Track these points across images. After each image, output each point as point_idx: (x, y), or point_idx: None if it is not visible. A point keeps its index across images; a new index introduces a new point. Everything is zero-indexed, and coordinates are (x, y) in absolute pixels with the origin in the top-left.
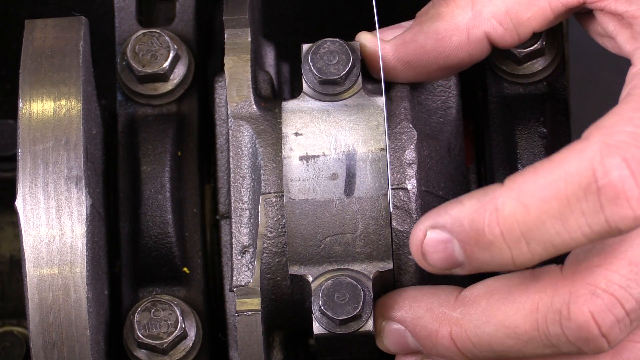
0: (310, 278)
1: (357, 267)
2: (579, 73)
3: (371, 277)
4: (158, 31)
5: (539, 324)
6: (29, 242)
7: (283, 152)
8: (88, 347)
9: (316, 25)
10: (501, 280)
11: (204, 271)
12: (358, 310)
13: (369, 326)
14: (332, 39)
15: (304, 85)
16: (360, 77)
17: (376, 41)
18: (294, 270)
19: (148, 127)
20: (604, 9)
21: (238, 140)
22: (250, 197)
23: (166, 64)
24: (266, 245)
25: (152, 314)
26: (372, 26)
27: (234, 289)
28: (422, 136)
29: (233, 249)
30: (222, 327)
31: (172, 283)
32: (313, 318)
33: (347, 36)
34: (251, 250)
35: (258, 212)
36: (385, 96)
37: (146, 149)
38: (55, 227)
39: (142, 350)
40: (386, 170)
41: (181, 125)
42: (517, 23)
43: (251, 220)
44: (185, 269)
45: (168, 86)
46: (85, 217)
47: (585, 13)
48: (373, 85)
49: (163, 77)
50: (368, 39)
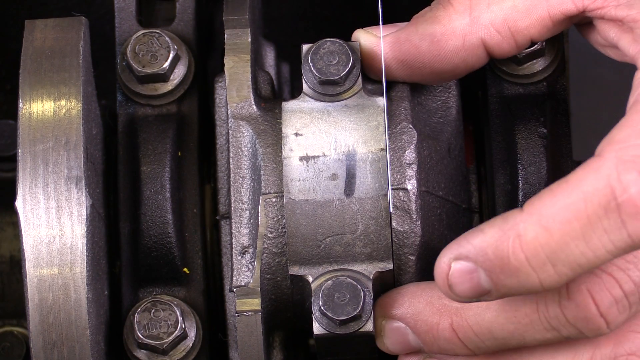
0: (310, 278)
1: (357, 268)
2: (579, 73)
3: (371, 278)
4: (158, 31)
5: (539, 306)
6: (29, 243)
7: (283, 153)
8: (88, 348)
9: (316, 25)
10: None
11: (204, 271)
12: (358, 310)
13: (369, 326)
14: (332, 39)
15: (304, 85)
16: (360, 78)
17: (371, 39)
18: (294, 270)
19: (148, 128)
20: (604, 16)
21: (238, 140)
22: (250, 198)
23: (166, 64)
24: (266, 245)
25: (152, 314)
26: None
27: (234, 290)
28: (422, 136)
29: (233, 250)
30: (222, 328)
31: (172, 283)
32: (313, 318)
33: (347, 36)
34: (251, 250)
35: (258, 213)
36: (385, 96)
37: (146, 149)
38: (55, 228)
39: (142, 350)
40: (386, 170)
41: (181, 125)
42: (515, 31)
43: (251, 220)
44: (185, 269)
45: (168, 86)
46: (85, 218)
47: (586, 24)
48: (373, 85)
49: (163, 78)
50: (363, 37)
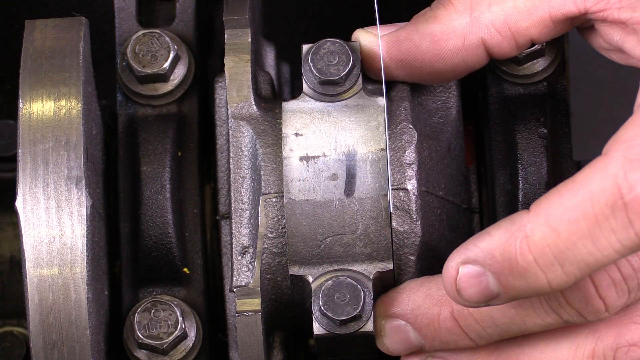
0: (310, 278)
1: (357, 268)
2: (579, 73)
3: (371, 278)
4: (158, 31)
5: None
6: (29, 243)
7: (283, 153)
8: (88, 348)
9: (316, 25)
10: None
11: (204, 271)
12: (358, 310)
13: (369, 326)
14: (332, 40)
15: (304, 85)
16: (360, 78)
17: (371, 39)
18: (294, 270)
19: (148, 128)
20: (607, 19)
21: (238, 140)
22: (250, 198)
23: (166, 65)
24: (266, 245)
25: (152, 315)
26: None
27: (234, 290)
28: (423, 136)
29: (233, 250)
30: (222, 328)
31: (172, 283)
32: (313, 318)
33: (348, 36)
34: (251, 250)
35: (258, 213)
36: (385, 97)
37: (146, 150)
38: (55, 228)
39: (142, 350)
40: (386, 170)
41: (181, 125)
42: (516, 32)
43: (251, 220)
44: (185, 270)
45: (168, 86)
46: (85, 218)
47: (588, 28)
48: (373, 85)
49: (163, 78)
50: (363, 37)
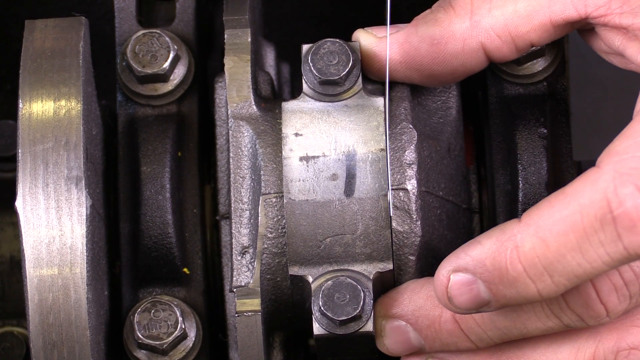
0: (310, 279)
1: (357, 268)
2: (579, 73)
3: (371, 278)
4: (158, 31)
5: None
6: (29, 243)
7: (283, 153)
8: (88, 348)
9: (316, 25)
10: None
11: (204, 272)
12: (358, 310)
13: (369, 327)
14: (332, 40)
15: (304, 85)
16: (360, 78)
17: (371, 39)
18: (294, 270)
19: (148, 128)
20: (608, 24)
21: (238, 140)
22: (250, 198)
23: (166, 65)
24: (266, 245)
25: (152, 315)
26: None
27: (234, 290)
28: (422, 137)
29: (233, 250)
30: (222, 328)
31: (172, 283)
32: (313, 319)
33: (348, 36)
34: (251, 250)
35: (258, 213)
36: (385, 97)
37: (146, 150)
38: (55, 228)
39: (142, 350)
40: (386, 170)
41: (181, 125)
42: (516, 36)
43: (251, 220)
44: (185, 270)
45: (168, 87)
46: (85, 218)
47: (589, 30)
48: (373, 85)
49: (163, 78)
50: (364, 37)
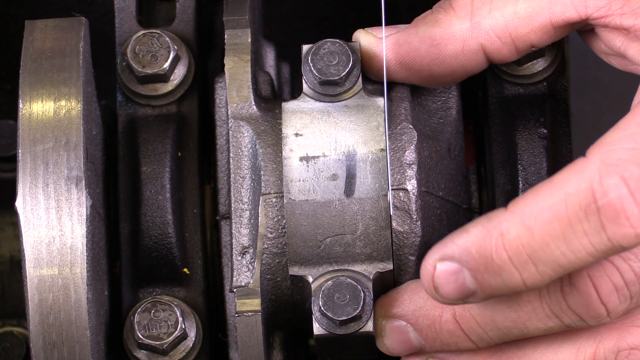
0: (310, 279)
1: (357, 268)
2: (579, 73)
3: (371, 278)
4: (158, 32)
5: (541, 292)
6: (29, 243)
7: (283, 153)
8: (88, 348)
9: (316, 25)
10: None
11: (204, 272)
12: (358, 311)
13: (369, 327)
14: (332, 40)
15: (304, 85)
16: (360, 78)
17: (371, 40)
18: (294, 270)
19: (148, 128)
20: (608, 25)
21: (238, 140)
22: (250, 198)
23: (166, 65)
24: (266, 245)
25: (152, 315)
26: (372, 26)
27: (234, 290)
28: (422, 137)
29: (233, 250)
30: (222, 328)
31: (172, 284)
32: (313, 319)
33: (348, 36)
34: (251, 250)
35: (258, 213)
36: (385, 97)
37: (146, 150)
38: (55, 228)
39: (142, 350)
40: (386, 170)
41: (181, 125)
42: (516, 37)
43: (251, 221)
44: (185, 270)
45: (168, 87)
46: (85, 218)
47: (589, 31)
48: (373, 86)
49: (163, 78)
50: (364, 38)
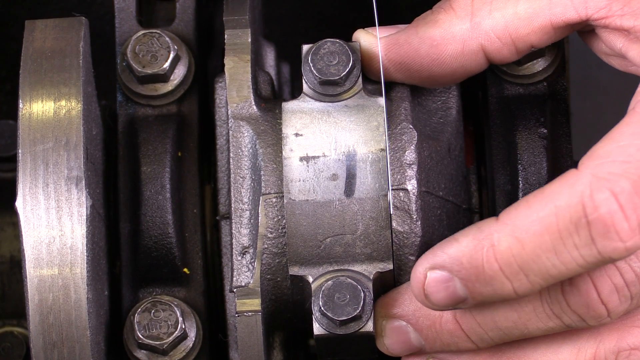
0: (310, 279)
1: (357, 268)
2: (579, 73)
3: (371, 278)
4: (158, 32)
5: (541, 292)
6: (29, 243)
7: (283, 153)
8: (88, 348)
9: (316, 25)
10: None
11: (204, 272)
12: (358, 311)
13: (369, 327)
14: (332, 40)
15: (304, 85)
16: (360, 78)
17: (371, 40)
18: (294, 270)
19: (148, 128)
20: (609, 26)
21: (238, 140)
22: (250, 198)
23: (166, 65)
24: (266, 245)
25: (152, 315)
26: (372, 26)
27: (234, 290)
28: (423, 137)
29: (233, 250)
30: (223, 328)
31: (172, 284)
32: (313, 319)
33: (348, 36)
34: (251, 250)
35: (258, 213)
36: (385, 97)
37: (146, 150)
38: (55, 228)
39: (142, 350)
40: (386, 170)
41: (181, 125)
42: (516, 38)
43: (251, 220)
44: (185, 270)
45: (168, 87)
46: (85, 218)
47: (589, 32)
48: (373, 86)
49: (163, 78)
50: (364, 38)
